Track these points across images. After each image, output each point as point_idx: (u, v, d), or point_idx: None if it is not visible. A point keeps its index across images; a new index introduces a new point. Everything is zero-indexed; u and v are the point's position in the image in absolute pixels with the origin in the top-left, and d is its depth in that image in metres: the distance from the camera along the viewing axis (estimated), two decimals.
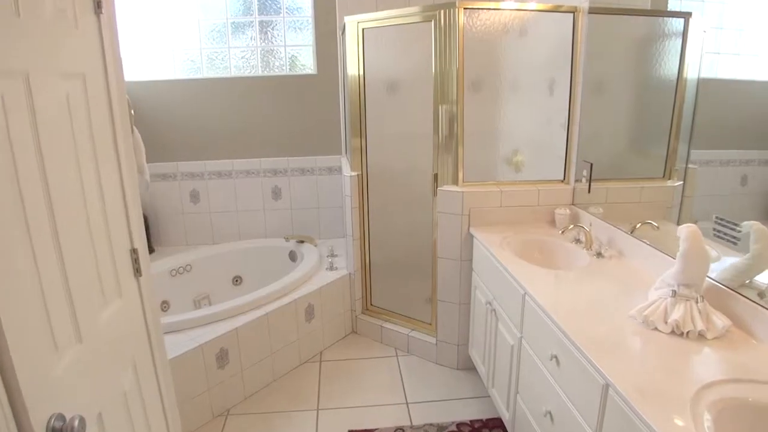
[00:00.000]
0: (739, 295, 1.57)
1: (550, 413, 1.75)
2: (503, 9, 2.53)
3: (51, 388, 1.05)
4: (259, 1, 3.61)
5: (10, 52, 0.99)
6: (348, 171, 3.17)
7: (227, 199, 3.84)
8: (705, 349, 1.46)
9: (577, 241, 2.41)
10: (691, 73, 1.94)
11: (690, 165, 1.96)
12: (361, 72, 2.95)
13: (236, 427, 2.50)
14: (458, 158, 2.69)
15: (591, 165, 2.46)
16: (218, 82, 3.67)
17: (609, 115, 2.53)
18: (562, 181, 2.75)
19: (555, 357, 1.68)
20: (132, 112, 1.72)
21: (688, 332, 1.51)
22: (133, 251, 1.48)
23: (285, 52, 3.75)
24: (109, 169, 1.38)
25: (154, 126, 3.63)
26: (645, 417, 1.17)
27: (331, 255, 3.46)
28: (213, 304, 3.43)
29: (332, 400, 2.68)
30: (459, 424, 2.46)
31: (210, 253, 3.64)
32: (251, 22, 3.66)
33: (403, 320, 3.20)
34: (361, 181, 3.14)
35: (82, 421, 1.04)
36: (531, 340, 1.94)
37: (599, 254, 2.23)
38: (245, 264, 3.70)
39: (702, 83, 1.88)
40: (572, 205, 2.70)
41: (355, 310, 3.36)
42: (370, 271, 3.30)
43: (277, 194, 3.88)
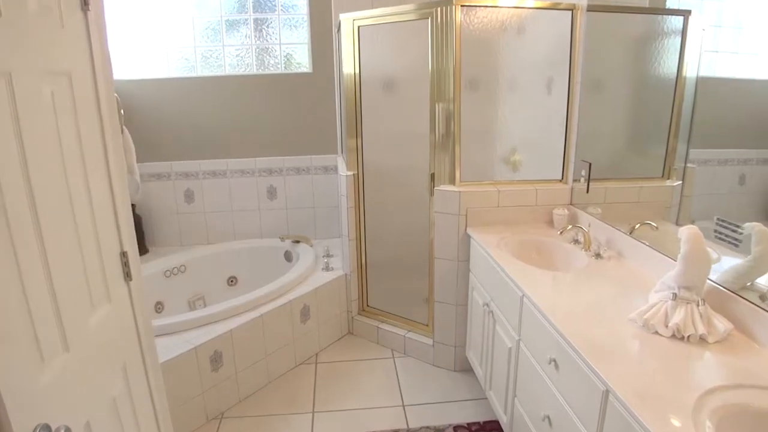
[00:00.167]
0: (740, 298, 1.55)
1: (548, 417, 1.72)
2: (501, 6, 2.50)
3: (36, 398, 1.02)
4: None
5: None
6: (344, 170, 3.14)
7: (222, 199, 3.80)
8: (706, 354, 1.44)
9: (576, 241, 2.39)
10: (690, 71, 1.92)
11: (689, 164, 1.94)
12: (357, 70, 2.92)
13: (231, 430, 2.46)
14: (455, 157, 2.66)
15: (590, 165, 2.44)
16: (212, 80, 3.63)
17: (607, 114, 2.50)
18: (560, 181, 2.73)
19: (554, 361, 1.66)
20: (122, 111, 1.68)
21: (689, 336, 1.49)
22: (123, 254, 1.45)
23: (280, 50, 3.71)
24: (97, 170, 1.35)
25: (147, 125, 3.59)
26: (646, 424, 1.14)
27: (327, 255, 3.42)
28: (208, 305, 3.40)
29: (328, 403, 2.65)
30: (456, 427, 2.44)
31: (205, 253, 3.60)
32: (246, 19, 3.62)
33: (400, 321, 3.17)
34: (357, 181, 3.10)
35: (68, 431, 1.01)
36: (529, 343, 1.91)
37: (598, 255, 2.21)
38: (240, 264, 3.67)
39: (701, 82, 1.86)
40: (570, 205, 2.67)
41: (351, 311, 3.33)
42: (366, 272, 3.27)
43: (272, 194, 3.84)
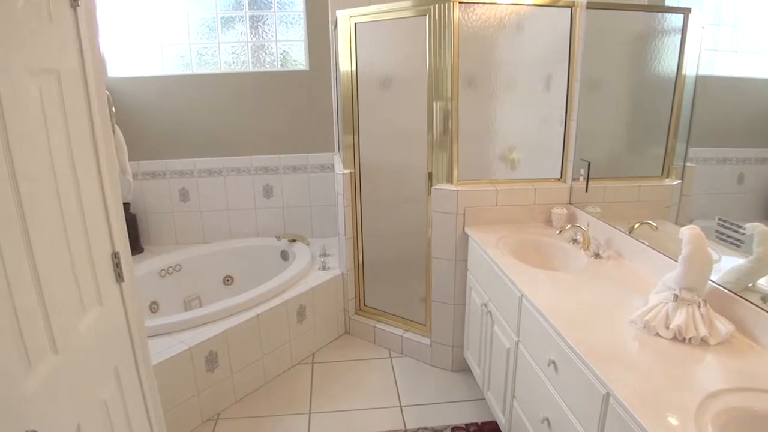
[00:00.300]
0: (742, 299, 1.53)
1: (547, 420, 1.70)
2: (499, 3, 2.47)
3: (23, 404, 0.99)
4: None
5: None
6: (341, 169, 3.11)
7: (218, 198, 3.77)
8: (708, 356, 1.42)
9: (575, 241, 2.36)
10: (690, 70, 1.91)
11: (688, 163, 1.92)
12: (354, 68, 2.89)
13: (226, 431, 2.44)
14: (453, 156, 2.63)
15: (589, 164, 2.42)
16: (208, 78, 3.59)
17: (606, 112, 2.48)
18: (559, 180, 2.70)
19: (553, 362, 1.63)
20: (113, 109, 1.65)
21: (690, 338, 1.47)
22: (115, 255, 1.42)
23: (276, 48, 3.68)
24: (88, 169, 1.32)
25: (142, 123, 3.56)
26: (648, 428, 1.12)
27: (324, 254, 3.40)
28: (203, 305, 3.38)
29: (325, 404, 2.62)
30: (454, 428, 2.42)
31: (200, 252, 3.57)
32: (242, 16, 3.58)
33: (397, 321, 3.15)
34: (354, 179, 3.08)
35: None
36: (528, 344, 1.89)
37: (597, 255, 2.19)
38: (236, 264, 3.63)
39: (700, 80, 1.85)
40: (569, 204, 2.65)
41: (348, 311, 3.30)
42: (363, 271, 3.25)
43: (268, 192, 3.81)
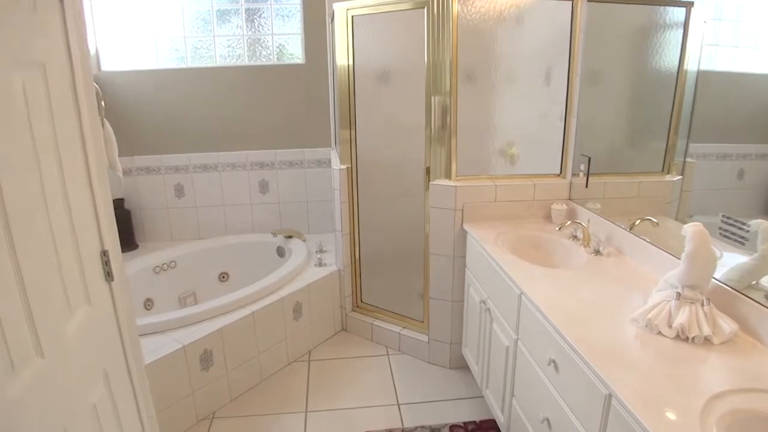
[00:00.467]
0: (745, 297, 1.50)
1: (547, 420, 1.67)
2: None
3: (5, 410, 0.95)
4: None
5: None
6: (337, 164, 3.07)
7: (213, 193, 3.73)
8: (712, 356, 1.39)
9: (575, 237, 2.33)
10: (691, 65, 1.88)
11: (688, 159, 1.90)
12: (351, 61, 2.85)
13: (222, 430, 2.40)
14: (451, 151, 2.59)
15: (589, 159, 2.38)
16: (203, 72, 3.55)
17: (607, 107, 2.45)
18: (559, 175, 2.67)
19: (553, 362, 1.60)
20: (102, 103, 1.61)
21: (693, 337, 1.44)
22: (104, 253, 1.38)
23: (272, 41, 3.63)
24: (75, 165, 1.28)
25: (136, 118, 3.51)
26: (651, 431, 1.09)
27: (320, 251, 3.36)
28: (199, 302, 3.34)
29: (321, 402, 2.59)
30: (452, 427, 2.39)
31: (195, 248, 3.53)
32: (237, 9, 3.54)
33: (395, 318, 3.11)
34: (351, 175, 3.04)
35: None
36: (527, 343, 1.86)
37: (597, 252, 2.16)
38: (232, 260, 3.60)
39: (701, 75, 1.83)
40: (569, 200, 2.62)
41: (344, 308, 3.27)
42: (360, 268, 3.21)
43: (264, 188, 3.77)
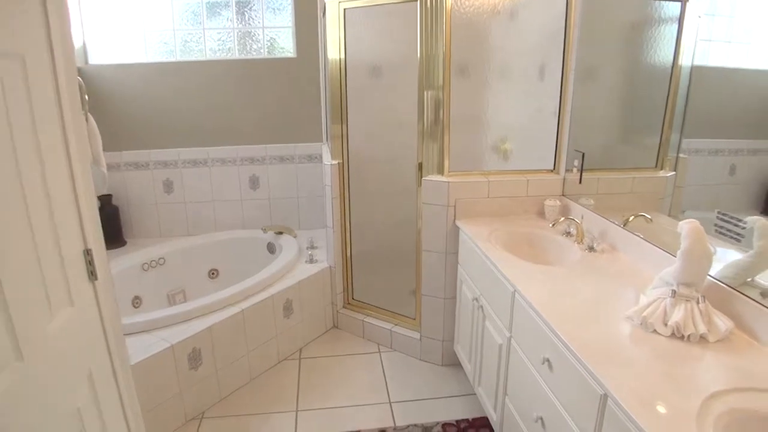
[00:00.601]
0: (741, 295, 1.49)
1: (541, 419, 1.65)
2: None
3: None
4: None
5: None
6: (328, 159, 3.03)
7: (202, 189, 3.68)
8: (708, 354, 1.37)
9: (568, 234, 2.31)
10: (686, 60, 1.86)
11: (681, 154, 1.89)
12: (343, 55, 2.81)
13: (211, 430, 2.37)
14: (444, 146, 2.56)
15: (583, 155, 2.36)
16: (193, 65, 3.49)
17: (601, 102, 2.43)
18: (552, 171, 2.65)
19: (547, 361, 1.58)
20: (86, 97, 1.56)
21: (689, 335, 1.42)
22: (87, 252, 1.34)
23: (263, 35, 3.58)
24: (57, 161, 1.23)
25: (124, 112, 3.45)
26: None
27: (311, 247, 3.33)
28: (188, 299, 3.30)
29: (312, 401, 2.56)
30: (444, 425, 2.37)
31: (185, 245, 3.48)
32: (228, 2, 3.48)
33: (386, 315, 3.09)
34: (342, 170, 3.00)
35: None
36: (521, 341, 1.84)
37: (591, 248, 2.14)
38: (222, 256, 3.55)
39: (695, 70, 1.81)
40: (562, 196, 2.60)
41: (336, 305, 3.24)
42: (351, 264, 3.18)
43: (254, 183, 3.72)
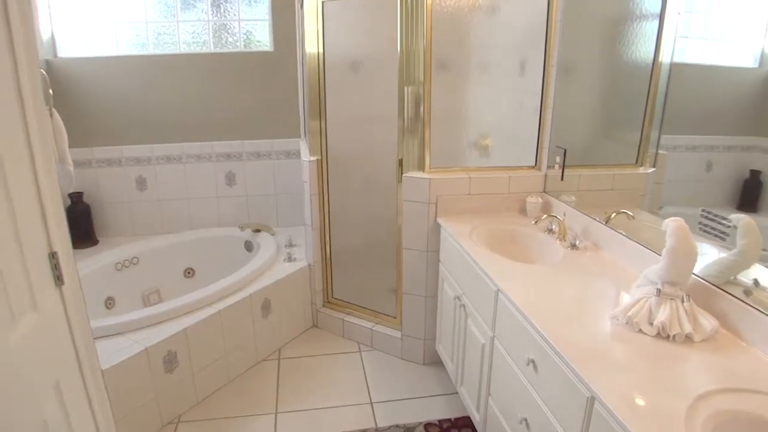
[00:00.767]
0: (725, 293, 1.48)
1: (525, 420, 1.63)
2: None
3: None
4: None
5: None
6: (307, 155, 2.98)
7: (177, 186, 3.58)
8: (694, 354, 1.36)
9: (550, 231, 2.30)
10: (665, 56, 1.86)
11: (660, 151, 1.89)
12: (321, 49, 2.75)
13: None
14: (425, 142, 2.53)
15: (564, 151, 2.34)
16: (166, 59, 3.39)
17: (582, 98, 2.41)
18: (534, 167, 2.63)
19: (532, 362, 1.56)
20: (50, 91, 1.48)
21: (674, 335, 1.41)
22: (52, 255, 1.26)
23: (239, 27, 3.50)
24: (17, 159, 1.16)
25: (95, 107, 3.34)
26: None
27: (290, 245, 3.27)
28: (163, 299, 3.21)
29: (292, 402, 2.51)
30: (427, 425, 2.34)
31: (159, 244, 3.39)
32: None
33: (367, 314, 3.05)
34: (321, 167, 2.95)
35: None
36: (504, 341, 1.81)
37: (574, 246, 2.12)
38: (197, 255, 3.46)
39: (674, 67, 1.82)
40: (543, 192, 2.58)
41: (315, 304, 3.18)
42: (331, 262, 3.13)
43: (231, 180, 3.64)
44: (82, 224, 3.37)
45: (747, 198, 1.55)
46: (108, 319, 2.32)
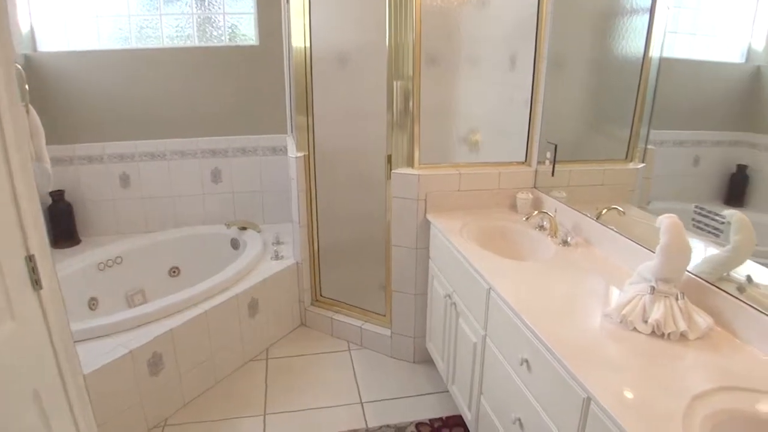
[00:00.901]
0: (718, 290, 1.47)
1: (519, 420, 1.61)
2: None
3: None
4: None
5: None
6: (294, 151, 2.93)
7: (161, 183, 3.50)
8: (689, 353, 1.35)
9: (541, 227, 2.28)
10: (655, 51, 1.85)
11: (649, 146, 1.89)
12: (308, 43, 2.71)
13: None
14: (414, 138, 2.49)
15: (555, 146, 2.32)
16: (149, 53, 3.32)
17: (573, 93, 2.40)
18: (524, 163, 2.61)
19: (526, 361, 1.54)
20: (26, 87, 1.43)
21: (669, 333, 1.39)
22: (29, 259, 1.21)
23: (224, 21, 3.43)
24: None
25: (76, 103, 3.25)
26: None
27: (277, 243, 3.22)
28: (148, 299, 3.15)
29: (281, 403, 2.47)
30: (418, 425, 2.32)
31: (143, 242, 3.32)
32: None
33: (356, 312, 3.01)
34: (308, 163, 2.90)
35: None
36: (497, 340, 1.79)
37: (565, 242, 2.11)
38: (183, 254, 3.40)
39: (663, 62, 1.81)
40: (534, 188, 2.56)
41: (303, 302, 3.14)
42: (319, 260, 3.09)
43: (216, 177, 3.58)
44: (64, 223, 3.30)
45: (734, 192, 1.55)
46: (91, 321, 2.26)
